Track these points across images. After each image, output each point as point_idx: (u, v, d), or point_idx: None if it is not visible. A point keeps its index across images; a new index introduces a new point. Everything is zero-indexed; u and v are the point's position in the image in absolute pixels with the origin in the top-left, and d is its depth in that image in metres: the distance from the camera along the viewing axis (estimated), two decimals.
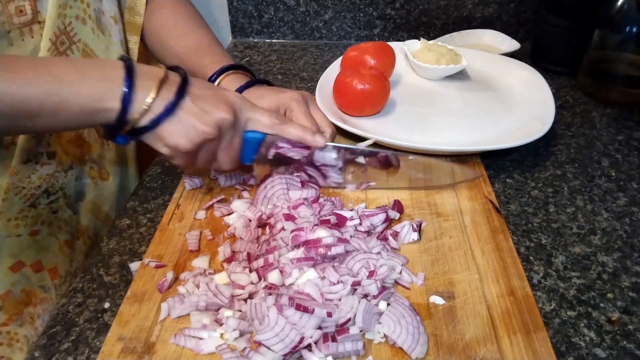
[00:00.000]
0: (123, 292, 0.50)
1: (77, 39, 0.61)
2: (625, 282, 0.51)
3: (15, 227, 0.59)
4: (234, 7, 1.07)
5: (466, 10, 1.03)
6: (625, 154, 0.70)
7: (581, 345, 0.45)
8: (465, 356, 0.43)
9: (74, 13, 0.61)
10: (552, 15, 0.89)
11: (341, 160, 0.60)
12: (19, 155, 0.58)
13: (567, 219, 0.59)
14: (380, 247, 0.52)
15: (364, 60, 0.78)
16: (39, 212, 0.61)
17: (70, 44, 0.60)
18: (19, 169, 0.58)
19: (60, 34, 0.59)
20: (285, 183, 0.59)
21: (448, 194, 0.62)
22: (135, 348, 0.44)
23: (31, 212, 0.60)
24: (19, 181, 0.58)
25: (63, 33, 0.59)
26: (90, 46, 0.63)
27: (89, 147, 0.67)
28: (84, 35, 0.62)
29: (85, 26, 0.62)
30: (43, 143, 0.60)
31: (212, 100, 0.52)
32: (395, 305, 0.46)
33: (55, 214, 0.63)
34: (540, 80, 0.80)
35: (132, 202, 0.63)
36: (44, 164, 0.61)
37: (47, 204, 0.62)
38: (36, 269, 0.61)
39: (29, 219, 0.60)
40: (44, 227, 0.62)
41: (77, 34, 0.61)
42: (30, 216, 0.60)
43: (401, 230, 0.55)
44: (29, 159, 0.59)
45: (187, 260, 0.53)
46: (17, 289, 0.60)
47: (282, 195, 0.58)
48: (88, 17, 0.63)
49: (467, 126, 0.72)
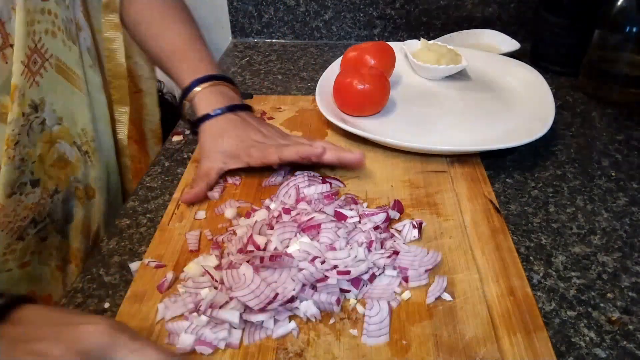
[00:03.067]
0: (123, 292, 0.50)
1: (48, 55, 0.58)
2: (625, 282, 0.51)
3: (4, 262, 0.56)
4: (234, 7, 1.07)
5: (466, 10, 1.03)
6: (625, 154, 0.70)
7: (581, 345, 0.45)
8: (465, 356, 0.43)
9: (43, 27, 0.57)
10: (552, 15, 0.89)
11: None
12: (1, 189, 0.55)
13: (567, 219, 0.59)
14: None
15: (364, 60, 0.78)
16: (28, 243, 0.58)
17: (42, 61, 0.57)
18: (4, 204, 0.55)
19: (32, 53, 0.55)
20: (307, 180, 0.60)
21: (448, 194, 0.62)
22: None
23: (19, 244, 0.57)
24: (5, 216, 0.56)
25: (34, 52, 0.55)
26: (62, 60, 0.60)
27: (73, 167, 0.64)
28: (55, 50, 0.59)
29: (56, 39, 0.59)
30: (26, 172, 0.57)
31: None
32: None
33: (44, 241, 0.60)
34: (540, 80, 0.80)
35: (132, 202, 0.63)
36: (29, 193, 0.58)
37: (36, 233, 0.59)
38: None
39: (18, 252, 0.57)
40: (34, 257, 0.59)
41: (49, 49, 0.58)
42: (18, 249, 0.57)
43: (402, 228, 0.55)
44: (13, 192, 0.56)
45: (187, 260, 0.53)
46: None
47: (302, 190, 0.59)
48: (57, 28, 0.59)
49: (467, 126, 0.72)
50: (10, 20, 0.53)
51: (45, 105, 0.57)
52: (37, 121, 0.56)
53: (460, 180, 0.64)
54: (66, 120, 0.61)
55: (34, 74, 0.56)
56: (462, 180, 0.64)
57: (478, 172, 0.65)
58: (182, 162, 0.69)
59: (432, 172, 0.65)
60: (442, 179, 0.64)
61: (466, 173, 0.65)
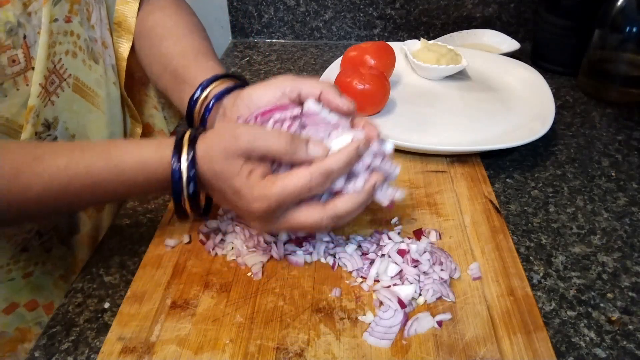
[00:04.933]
0: (123, 292, 0.50)
1: (67, 75, 0.58)
2: (625, 282, 0.51)
3: (7, 272, 0.56)
4: (234, 7, 1.07)
5: (466, 10, 1.03)
6: (625, 154, 0.70)
7: (581, 345, 0.45)
8: (465, 356, 0.43)
9: (64, 49, 0.57)
10: (552, 15, 0.89)
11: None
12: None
13: (567, 219, 0.59)
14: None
15: (364, 60, 0.78)
16: (32, 254, 0.58)
17: (60, 81, 0.57)
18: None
19: (49, 74, 0.55)
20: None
21: (448, 194, 0.62)
22: (135, 348, 0.44)
23: (23, 255, 0.57)
24: (11, 230, 0.55)
25: (52, 72, 0.55)
26: (82, 79, 0.60)
27: None
28: (75, 70, 0.59)
29: (76, 59, 0.59)
30: None
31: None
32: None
33: (48, 252, 0.60)
34: (540, 80, 0.80)
35: (132, 202, 0.63)
36: None
37: (40, 244, 0.59)
38: (31, 308, 0.59)
39: (21, 262, 0.57)
40: (37, 268, 0.59)
41: (68, 69, 0.57)
42: (22, 259, 0.57)
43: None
44: None
45: (187, 260, 0.53)
46: (10, 329, 0.57)
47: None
48: (78, 49, 0.59)
49: (467, 126, 0.72)
50: (35, 44, 0.53)
51: (58, 123, 0.57)
52: (49, 139, 0.56)
53: (460, 180, 0.64)
54: (79, 137, 0.61)
55: (50, 94, 0.56)
56: (462, 180, 0.64)
57: (478, 172, 0.65)
58: None
59: (432, 172, 0.65)
60: (442, 179, 0.64)
61: (466, 173, 0.65)
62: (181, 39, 0.65)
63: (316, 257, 0.53)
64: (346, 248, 0.53)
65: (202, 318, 0.47)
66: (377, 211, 0.59)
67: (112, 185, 0.47)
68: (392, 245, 0.52)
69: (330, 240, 0.54)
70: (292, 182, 0.44)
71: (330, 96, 0.49)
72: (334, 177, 0.45)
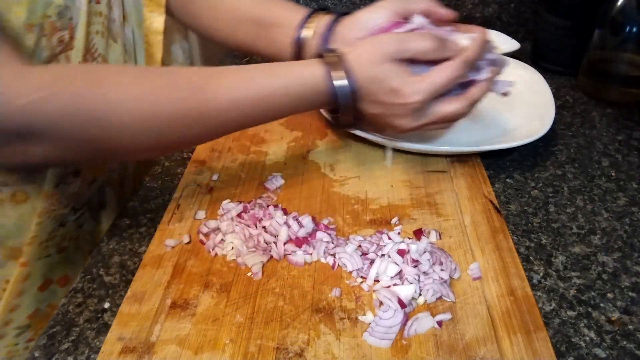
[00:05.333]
0: (123, 292, 0.50)
1: (97, 54, 0.61)
2: (625, 282, 0.51)
3: (45, 248, 0.59)
4: None
5: (466, 10, 1.03)
6: (625, 154, 0.70)
7: (581, 345, 0.45)
8: (465, 356, 0.43)
9: (95, 29, 0.60)
10: (552, 15, 0.89)
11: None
12: (51, 179, 0.57)
13: (567, 219, 0.59)
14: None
15: None
16: (67, 229, 0.61)
17: (92, 60, 0.60)
18: (52, 193, 0.58)
19: (86, 53, 0.58)
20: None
21: (448, 194, 0.62)
22: (135, 348, 0.44)
23: (60, 231, 0.60)
24: (52, 204, 0.58)
25: (87, 51, 0.58)
26: (107, 58, 0.63)
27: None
28: (102, 49, 0.62)
29: (103, 38, 0.62)
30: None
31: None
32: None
33: (80, 227, 0.63)
34: (540, 80, 0.80)
35: (132, 202, 0.63)
36: (71, 183, 0.60)
37: (74, 220, 0.62)
38: (63, 284, 0.61)
39: (58, 237, 0.60)
40: (71, 243, 0.62)
41: (98, 48, 0.61)
42: (59, 235, 0.60)
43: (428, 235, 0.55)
44: (60, 181, 0.59)
45: (187, 260, 0.53)
46: (44, 305, 0.60)
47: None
48: (105, 28, 0.62)
49: (467, 126, 0.72)
50: (77, 25, 0.56)
51: None
52: None
53: (460, 180, 0.64)
54: None
55: None
56: (462, 180, 0.64)
57: (478, 172, 0.65)
58: (182, 162, 0.69)
59: (432, 172, 0.65)
60: (442, 179, 0.64)
61: (466, 173, 0.65)
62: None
63: (316, 257, 0.53)
64: (346, 248, 0.53)
65: (202, 318, 0.47)
66: (377, 211, 0.59)
67: (279, 101, 0.53)
68: (392, 245, 0.52)
69: (330, 240, 0.54)
70: (439, 75, 0.53)
71: (434, 8, 0.58)
72: (471, 65, 0.55)
